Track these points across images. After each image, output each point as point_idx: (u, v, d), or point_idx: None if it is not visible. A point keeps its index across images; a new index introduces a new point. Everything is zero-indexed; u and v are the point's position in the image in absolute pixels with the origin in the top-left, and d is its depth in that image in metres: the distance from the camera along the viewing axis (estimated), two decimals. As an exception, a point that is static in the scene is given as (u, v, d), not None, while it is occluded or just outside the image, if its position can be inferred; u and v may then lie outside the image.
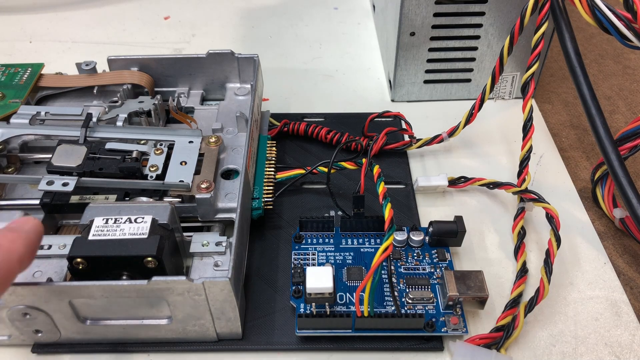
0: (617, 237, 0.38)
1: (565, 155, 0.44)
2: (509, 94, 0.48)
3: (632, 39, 0.32)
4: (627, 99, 0.50)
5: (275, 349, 0.32)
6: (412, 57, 0.46)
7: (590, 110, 0.34)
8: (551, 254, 0.34)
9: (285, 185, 0.39)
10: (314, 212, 0.39)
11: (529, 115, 0.38)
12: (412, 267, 0.34)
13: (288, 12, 0.61)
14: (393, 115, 0.43)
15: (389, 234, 0.30)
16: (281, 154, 0.43)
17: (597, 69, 0.53)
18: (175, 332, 0.30)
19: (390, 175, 0.41)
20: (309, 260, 0.34)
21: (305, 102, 0.49)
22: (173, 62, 0.42)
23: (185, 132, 0.37)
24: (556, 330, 0.33)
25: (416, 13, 0.43)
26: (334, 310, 0.32)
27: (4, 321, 0.29)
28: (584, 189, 0.41)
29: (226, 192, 0.35)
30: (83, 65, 0.42)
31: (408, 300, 0.32)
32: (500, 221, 0.39)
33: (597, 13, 0.32)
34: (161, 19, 0.60)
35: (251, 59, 0.42)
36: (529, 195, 0.37)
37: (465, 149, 0.44)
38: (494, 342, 0.31)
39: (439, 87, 0.48)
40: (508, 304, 0.33)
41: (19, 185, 0.36)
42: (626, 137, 0.36)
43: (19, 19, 0.59)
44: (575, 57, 0.35)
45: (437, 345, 0.31)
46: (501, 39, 0.45)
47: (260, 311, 0.33)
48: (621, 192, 0.33)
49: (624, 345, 0.32)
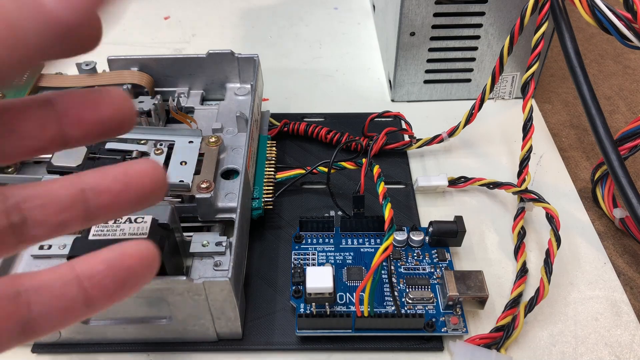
0: (617, 237, 0.38)
1: (565, 155, 0.44)
2: (509, 94, 0.48)
3: (632, 39, 0.32)
4: (627, 99, 0.50)
5: (275, 349, 0.32)
6: (412, 57, 0.46)
7: (590, 110, 0.34)
8: (551, 254, 0.34)
9: (285, 185, 0.39)
10: (314, 212, 0.39)
11: (529, 115, 0.38)
12: (412, 267, 0.34)
13: (288, 12, 0.61)
14: (393, 115, 0.43)
15: (389, 234, 0.30)
16: (281, 154, 0.43)
17: (597, 69, 0.53)
18: (175, 332, 0.30)
19: (390, 175, 0.41)
20: (309, 260, 0.34)
21: (305, 102, 0.49)
22: (173, 62, 0.42)
23: (185, 132, 0.37)
24: (556, 330, 0.33)
25: (416, 13, 0.43)
26: (334, 310, 0.32)
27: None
28: (584, 189, 0.41)
29: (226, 192, 0.35)
30: (83, 65, 0.42)
31: (408, 300, 0.32)
32: (500, 221, 0.39)
33: (597, 13, 0.32)
34: (161, 19, 0.60)
35: (251, 59, 0.42)
36: (529, 195, 0.37)
37: (465, 149, 0.44)
38: (494, 342, 0.31)
39: (439, 87, 0.48)
40: (508, 304, 0.33)
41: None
42: (626, 137, 0.36)
43: (19, 19, 0.59)
44: (575, 57, 0.35)
45: (437, 345, 0.31)
46: (501, 39, 0.45)
47: (260, 311, 0.33)
48: (621, 192, 0.33)
49: (624, 345, 0.32)
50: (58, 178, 0.17)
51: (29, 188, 0.16)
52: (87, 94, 0.17)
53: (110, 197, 0.17)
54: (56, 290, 0.16)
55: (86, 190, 0.17)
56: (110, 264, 0.17)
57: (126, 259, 0.17)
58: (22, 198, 0.16)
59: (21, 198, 0.16)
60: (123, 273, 0.17)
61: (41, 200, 0.16)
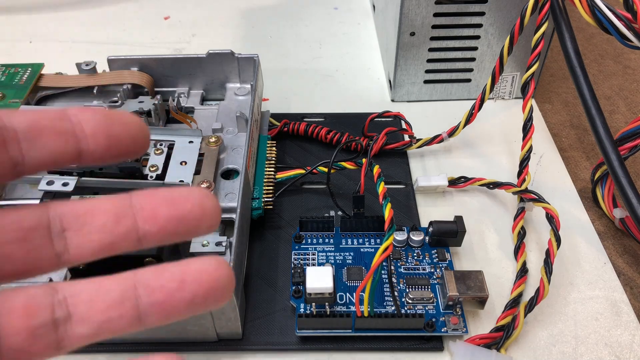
0: (617, 237, 0.38)
1: (565, 155, 0.44)
2: (509, 94, 0.48)
3: (632, 39, 0.32)
4: (627, 99, 0.50)
5: (275, 349, 0.32)
6: (412, 57, 0.46)
7: (590, 110, 0.34)
8: (551, 254, 0.34)
9: (285, 185, 0.39)
10: (314, 212, 0.39)
11: (529, 115, 0.38)
12: (412, 267, 0.34)
13: (288, 12, 0.61)
14: (393, 115, 0.43)
15: (389, 234, 0.30)
16: (281, 154, 0.43)
17: (597, 69, 0.53)
18: (175, 332, 0.30)
19: (390, 175, 0.41)
20: (309, 260, 0.34)
21: (305, 102, 0.49)
22: (173, 62, 0.42)
23: (185, 132, 0.37)
24: (556, 330, 0.33)
25: (416, 13, 0.43)
26: (334, 310, 0.32)
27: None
28: (584, 189, 0.41)
29: (226, 192, 0.35)
30: (83, 65, 0.42)
31: (408, 300, 0.32)
32: (500, 221, 0.39)
33: (597, 13, 0.32)
34: (161, 19, 0.60)
35: (251, 59, 0.42)
36: (529, 195, 0.37)
37: (465, 149, 0.44)
38: (494, 342, 0.31)
39: (439, 87, 0.48)
40: (508, 304, 0.33)
41: (19, 185, 0.36)
42: (626, 137, 0.36)
43: (19, 19, 0.59)
44: (575, 57, 0.35)
45: (437, 345, 0.31)
46: (501, 39, 0.45)
47: (260, 311, 0.33)
48: (621, 192, 0.33)
49: (624, 345, 0.32)
50: (111, 276, 0.16)
51: (78, 284, 0.15)
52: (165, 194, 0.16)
53: (163, 296, 0.15)
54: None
55: (138, 287, 0.15)
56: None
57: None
58: (71, 293, 0.15)
59: (69, 293, 0.15)
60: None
61: (89, 294, 0.15)
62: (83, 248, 0.16)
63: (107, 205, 0.16)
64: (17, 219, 0.15)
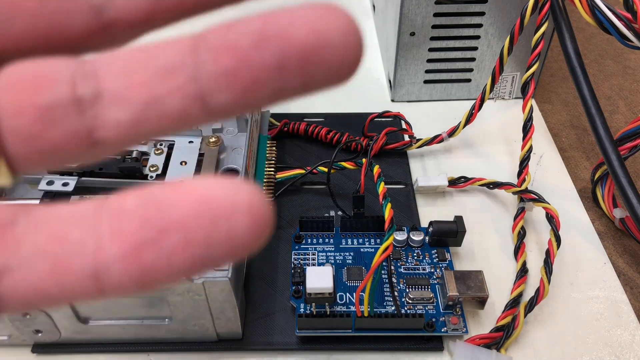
0: (617, 237, 0.38)
1: (565, 155, 0.44)
2: (509, 94, 0.48)
3: (632, 39, 0.32)
4: (627, 99, 0.50)
5: (275, 349, 0.32)
6: (412, 57, 0.46)
7: (590, 110, 0.34)
8: (551, 254, 0.34)
9: (285, 185, 0.39)
10: (314, 212, 0.39)
11: (529, 115, 0.38)
12: (412, 267, 0.34)
13: (288, 12, 0.61)
14: (393, 115, 0.43)
15: (389, 234, 0.30)
16: (281, 154, 0.43)
17: (597, 69, 0.53)
18: (175, 332, 0.30)
19: (390, 175, 0.41)
20: (309, 260, 0.34)
21: (305, 102, 0.49)
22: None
23: (185, 132, 0.37)
24: (556, 330, 0.33)
25: (416, 13, 0.43)
26: (334, 310, 0.32)
27: (4, 321, 0.29)
28: (584, 189, 0.41)
29: (226, 192, 0.35)
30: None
31: (408, 300, 0.32)
32: (500, 221, 0.39)
33: (597, 13, 0.32)
34: (161, 19, 0.59)
35: (251, 59, 0.42)
36: (529, 195, 0.37)
37: (465, 149, 0.44)
38: (494, 342, 0.31)
39: (439, 87, 0.48)
40: (508, 304, 0.33)
41: (19, 185, 0.36)
42: (626, 137, 0.36)
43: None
44: (575, 57, 0.35)
45: (437, 345, 0.31)
46: (501, 39, 0.45)
47: (260, 311, 0.33)
48: (621, 192, 0.33)
49: (624, 345, 0.32)
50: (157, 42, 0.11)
51: (111, 54, 0.11)
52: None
53: (234, 61, 0.10)
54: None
55: (201, 45, 0.11)
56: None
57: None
58: (101, 63, 0.11)
59: (99, 63, 0.11)
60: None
61: (125, 62, 0.11)
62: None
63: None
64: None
